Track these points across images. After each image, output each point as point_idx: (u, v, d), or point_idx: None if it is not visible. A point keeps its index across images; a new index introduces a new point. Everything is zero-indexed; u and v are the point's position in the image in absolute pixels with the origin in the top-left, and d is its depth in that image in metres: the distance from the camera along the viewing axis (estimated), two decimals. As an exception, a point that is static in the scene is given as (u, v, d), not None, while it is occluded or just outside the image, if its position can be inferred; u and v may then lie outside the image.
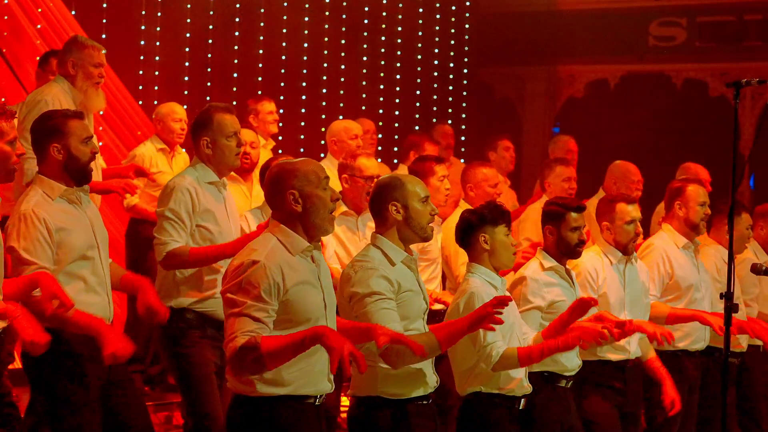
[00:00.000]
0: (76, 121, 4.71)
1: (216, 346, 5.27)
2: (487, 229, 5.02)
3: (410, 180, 4.62)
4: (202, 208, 5.27)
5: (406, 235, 4.55)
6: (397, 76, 12.86)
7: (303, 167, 4.10)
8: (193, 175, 5.34)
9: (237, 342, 3.84)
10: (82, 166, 4.68)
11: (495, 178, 7.07)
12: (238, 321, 3.88)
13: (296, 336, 3.85)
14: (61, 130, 4.66)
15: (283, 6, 11.36)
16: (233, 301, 3.92)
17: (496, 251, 5.02)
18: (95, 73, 6.17)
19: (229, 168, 5.45)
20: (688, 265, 6.29)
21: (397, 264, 4.51)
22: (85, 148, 4.68)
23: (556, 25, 14.00)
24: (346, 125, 7.94)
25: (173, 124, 7.67)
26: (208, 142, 5.34)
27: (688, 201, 6.31)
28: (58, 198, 4.64)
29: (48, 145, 4.66)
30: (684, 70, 13.72)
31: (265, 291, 3.89)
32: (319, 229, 4.09)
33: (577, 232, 5.46)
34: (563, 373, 5.41)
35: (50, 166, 4.67)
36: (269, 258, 3.96)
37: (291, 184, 4.05)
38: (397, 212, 4.53)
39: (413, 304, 4.52)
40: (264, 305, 3.89)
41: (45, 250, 4.52)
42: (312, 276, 4.07)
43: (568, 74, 14.33)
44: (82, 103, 6.12)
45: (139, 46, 9.89)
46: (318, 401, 4.10)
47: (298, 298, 3.99)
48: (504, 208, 5.13)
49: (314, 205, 4.06)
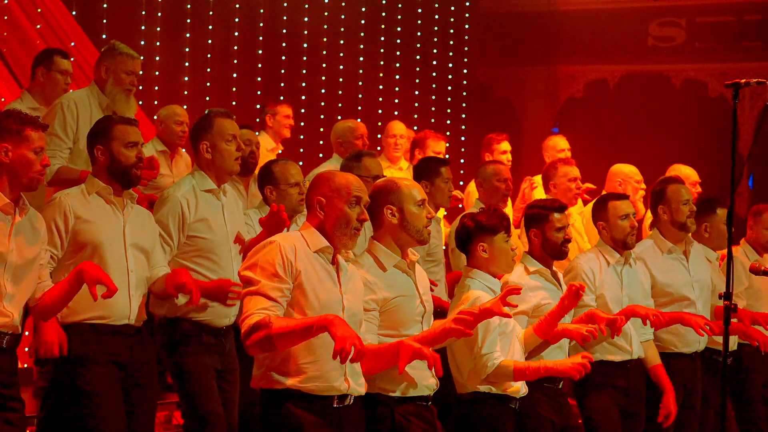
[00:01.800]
0: (122, 126, 4.98)
1: (214, 351, 5.32)
2: (486, 237, 5.03)
3: (406, 183, 4.62)
4: (195, 217, 5.32)
5: (401, 238, 4.56)
6: (397, 77, 12.87)
7: (338, 179, 4.22)
8: (189, 183, 5.40)
9: (251, 320, 3.93)
10: (124, 169, 4.93)
11: (505, 173, 7.15)
12: (254, 299, 3.98)
13: (306, 321, 3.92)
14: (106, 133, 4.95)
15: (283, 7, 11.37)
16: (249, 280, 4.03)
17: (495, 258, 5.03)
18: (126, 80, 6.34)
19: (228, 173, 5.49)
20: (673, 271, 6.27)
21: (389, 269, 4.52)
22: (128, 152, 4.93)
23: (555, 25, 14.00)
24: (351, 125, 7.98)
25: (174, 125, 7.67)
26: (207, 146, 5.39)
27: (671, 202, 6.30)
28: (94, 194, 4.91)
29: (93, 146, 4.97)
30: (683, 71, 13.73)
31: (279, 266, 4.00)
32: (339, 240, 4.17)
33: (562, 232, 5.48)
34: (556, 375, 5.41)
35: (96, 167, 4.97)
36: (285, 238, 4.10)
37: (321, 192, 4.18)
38: (392, 215, 4.54)
39: (406, 309, 4.53)
40: (278, 283, 3.99)
41: (53, 235, 4.78)
42: (326, 273, 4.13)
43: (568, 74, 14.33)
44: (109, 108, 6.25)
45: (139, 47, 9.89)
46: (336, 403, 4.11)
47: (310, 288, 4.05)
48: (503, 214, 5.14)
49: (337, 218, 4.16)
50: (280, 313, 3.97)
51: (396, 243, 4.56)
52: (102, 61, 6.40)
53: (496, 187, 7.07)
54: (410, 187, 4.59)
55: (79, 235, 4.83)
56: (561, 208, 5.53)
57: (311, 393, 4.06)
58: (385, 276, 4.50)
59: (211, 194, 5.41)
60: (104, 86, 6.33)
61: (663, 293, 6.20)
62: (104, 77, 6.33)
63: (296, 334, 3.91)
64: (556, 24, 14.01)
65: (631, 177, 7.93)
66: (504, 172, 7.15)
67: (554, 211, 5.49)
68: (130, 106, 6.36)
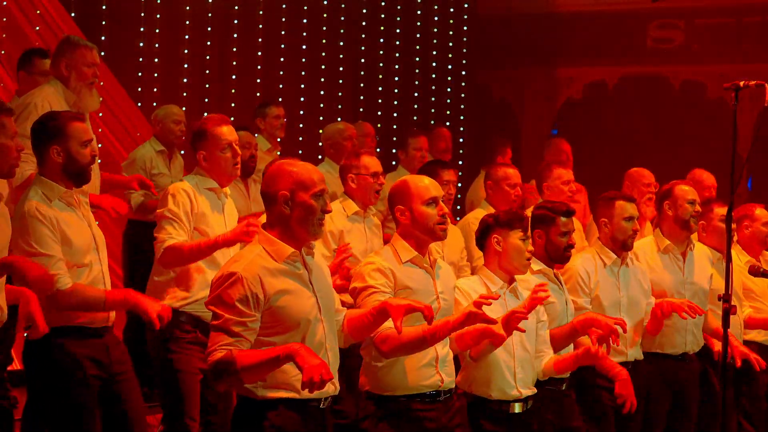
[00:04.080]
0: (76, 124, 4.72)
1: (204, 350, 5.28)
2: (502, 231, 5.08)
3: (416, 182, 4.66)
4: (198, 211, 5.35)
5: (416, 237, 4.61)
6: (396, 78, 12.87)
7: (300, 171, 4.06)
8: (192, 181, 5.45)
9: (214, 356, 3.85)
10: (81, 169, 4.70)
11: (515, 178, 7.16)
12: (217, 335, 3.88)
13: (271, 352, 3.83)
14: (62, 132, 4.66)
15: (282, 8, 11.37)
16: (214, 313, 3.92)
17: (508, 254, 5.07)
18: (89, 73, 6.06)
19: (227, 178, 5.51)
20: (665, 269, 6.27)
21: (405, 262, 4.58)
22: (84, 150, 4.70)
23: (554, 26, 14.00)
24: (340, 127, 8.02)
25: (172, 125, 7.67)
26: (204, 156, 5.43)
27: (677, 200, 6.33)
28: (56, 200, 4.65)
29: (48, 147, 4.67)
30: (682, 72, 13.72)
31: (242, 303, 3.87)
32: (307, 233, 4.04)
33: (566, 237, 5.51)
34: (557, 376, 5.41)
35: (50, 168, 4.68)
36: (247, 269, 3.92)
37: (285, 186, 4.02)
38: (402, 215, 4.61)
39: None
40: (242, 318, 3.87)
41: (56, 241, 4.56)
42: (299, 281, 4.03)
43: (567, 76, 14.32)
44: (76, 104, 6.04)
45: (138, 48, 9.90)
46: (323, 404, 4.09)
47: (284, 305, 3.96)
48: (522, 215, 5.19)
49: (303, 212, 4.01)
50: (245, 346, 3.87)
51: (414, 241, 4.62)
52: (60, 56, 6.08)
53: (505, 192, 7.09)
54: (419, 187, 4.62)
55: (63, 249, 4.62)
56: (568, 213, 5.56)
57: (302, 398, 4.02)
58: (400, 268, 4.56)
59: (212, 192, 5.46)
60: (68, 82, 6.05)
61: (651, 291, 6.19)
62: (65, 73, 6.04)
63: (262, 366, 3.84)
64: (555, 26, 14.01)
65: (641, 179, 7.93)
66: (514, 177, 7.17)
67: (561, 215, 5.52)
68: (95, 100, 6.15)
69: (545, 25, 14.05)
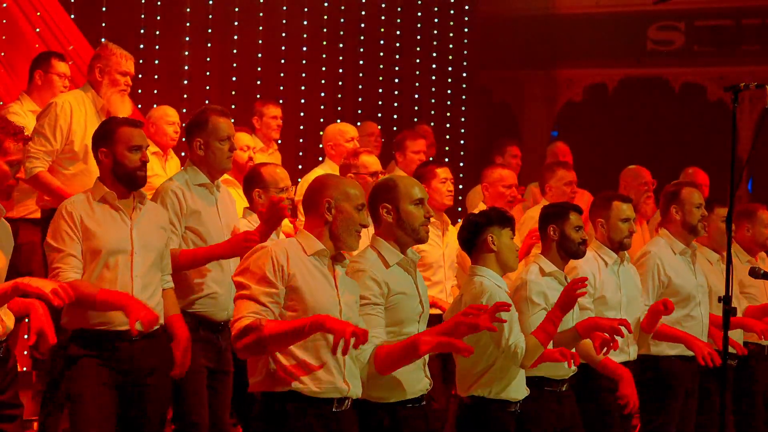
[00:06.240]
0: (126, 129, 4.91)
1: (208, 348, 5.30)
2: (494, 230, 5.05)
3: (404, 182, 4.63)
4: (189, 210, 5.31)
5: (398, 237, 4.56)
6: (396, 80, 12.87)
7: (346, 183, 4.29)
8: (182, 178, 5.41)
9: (242, 323, 3.97)
10: (128, 173, 4.86)
11: (510, 179, 7.17)
12: (245, 303, 4.01)
13: (298, 321, 3.95)
14: (109, 136, 4.89)
15: (282, 10, 11.37)
16: (241, 284, 4.06)
17: (502, 252, 5.05)
18: (121, 81, 6.29)
19: (219, 171, 5.49)
20: (685, 272, 6.29)
21: (392, 266, 4.52)
22: (132, 155, 4.86)
23: (554, 29, 14.02)
24: (340, 128, 7.99)
25: (166, 127, 7.65)
26: (201, 143, 5.40)
27: (684, 203, 6.33)
28: (98, 200, 4.84)
29: (96, 149, 4.92)
30: (682, 74, 13.74)
31: (269, 271, 4.01)
32: (344, 242, 4.22)
33: (581, 231, 5.51)
34: (556, 377, 5.42)
35: (101, 171, 4.92)
36: (277, 244, 4.14)
37: (330, 194, 4.21)
38: (387, 214, 4.55)
39: (406, 307, 4.52)
40: (269, 288, 4.01)
41: (72, 238, 4.73)
42: (321, 274, 4.14)
43: (567, 78, 14.34)
44: (104, 109, 6.22)
45: (138, 50, 9.89)
46: (336, 407, 4.10)
47: (304, 284, 4.06)
48: (509, 214, 5.19)
49: (344, 220, 4.19)
50: (271, 317, 3.99)
51: (395, 241, 4.56)
52: (96, 62, 6.34)
53: (500, 193, 7.10)
54: (408, 186, 4.59)
55: (85, 244, 4.78)
56: (578, 210, 5.58)
57: (312, 396, 4.05)
58: (388, 272, 4.50)
59: (204, 188, 5.41)
60: (99, 88, 6.28)
61: (674, 293, 6.18)
62: (99, 78, 6.29)
63: (288, 335, 3.94)
64: (555, 28, 14.02)
65: (638, 178, 7.90)
66: (509, 179, 7.17)
67: (573, 210, 5.54)
68: (125, 107, 6.32)
69: (545, 27, 14.06)
